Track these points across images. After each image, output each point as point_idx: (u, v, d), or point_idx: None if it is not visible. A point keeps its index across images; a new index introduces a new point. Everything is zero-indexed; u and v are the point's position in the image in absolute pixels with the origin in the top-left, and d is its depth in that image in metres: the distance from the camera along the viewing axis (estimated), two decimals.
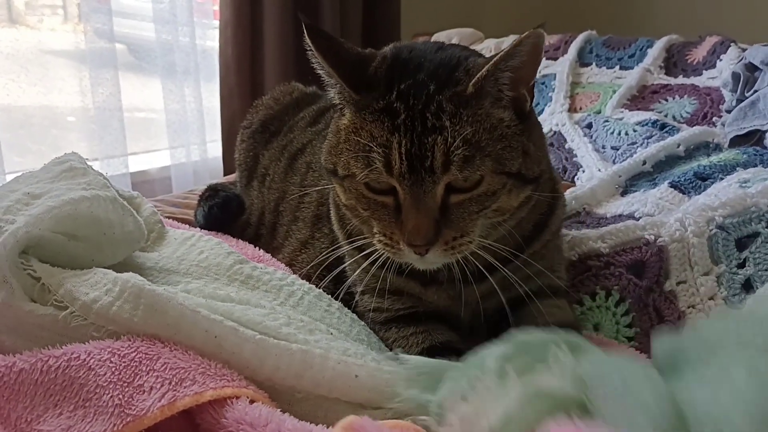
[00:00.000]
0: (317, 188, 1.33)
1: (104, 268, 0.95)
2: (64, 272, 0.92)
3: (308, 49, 0.95)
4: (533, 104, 1.00)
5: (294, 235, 1.36)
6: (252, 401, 0.79)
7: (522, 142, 0.94)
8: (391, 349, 1.06)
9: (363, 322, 1.11)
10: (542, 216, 1.09)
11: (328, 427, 0.75)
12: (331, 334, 0.96)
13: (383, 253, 0.97)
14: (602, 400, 0.61)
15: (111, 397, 0.77)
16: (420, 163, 0.88)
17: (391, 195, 0.93)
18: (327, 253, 1.12)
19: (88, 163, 1.18)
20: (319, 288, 1.14)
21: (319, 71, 0.97)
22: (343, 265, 1.13)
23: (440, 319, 1.09)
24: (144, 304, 0.84)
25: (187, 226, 1.47)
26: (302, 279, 1.17)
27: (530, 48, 0.90)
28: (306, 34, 0.93)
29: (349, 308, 1.13)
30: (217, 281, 1.06)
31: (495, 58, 0.90)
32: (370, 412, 0.82)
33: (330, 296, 1.13)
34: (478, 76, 0.90)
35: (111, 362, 0.79)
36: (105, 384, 0.77)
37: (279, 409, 0.79)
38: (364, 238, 1.01)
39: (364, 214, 0.98)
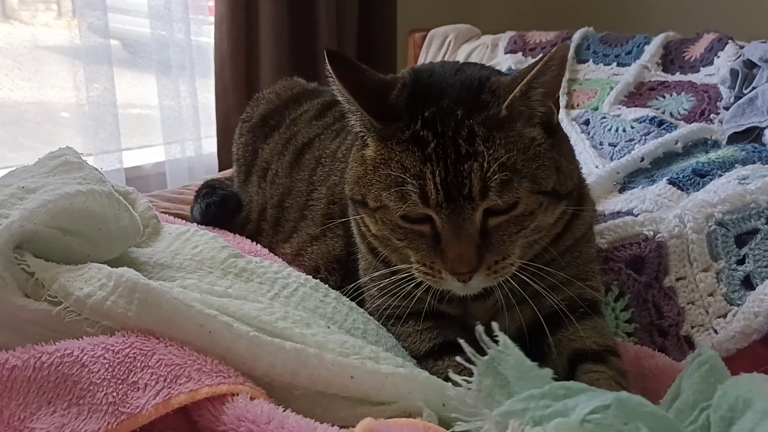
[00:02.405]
0: (328, 185, 1.31)
1: (99, 263, 0.94)
2: (58, 267, 0.90)
3: (329, 76, 0.93)
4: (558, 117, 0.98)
5: (303, 230, 1.35)
6: (252, 398, 0.78)
7: (554, 158, 0.92)
8: (402, 343, 1.05)
9: (362, 310, 1.10)
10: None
11: (332, 425, 0.74)
12: (329, 328, 0.95)
13: (420, 281, 0.95)
14: None
15: (105, 394, 0.75)
16: (457, 191, 0.87)
17: (428, 223, 0.91)
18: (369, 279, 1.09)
19: (83, 158, 1.17)
20: (327, 283, 1.13)
21: (339, 98, 0.96)
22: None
23: (457, 322, 1.07)
24: (138, 299, 0.83)
25: (183, 221, 1.46)
26: (309, 270, 1.15)
27: (559, 61, 0.89)
28: (327, 62, 0.92)
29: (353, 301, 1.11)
30: (210, 275, 1.05)
31: (527, 77, 0.88)
32: (369, 408, 0.81)
33: (327, 287, 1.11)
34: (511, 97, 0.88)
35: (104, 359, 0.78)
36: (98, 381, 0.76)
37: (280, 407, 0.77)
38: (400, 267, 0.98)
39: (399, 245, 0.96)
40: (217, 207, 1.53)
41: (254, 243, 1.39)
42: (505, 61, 2.20)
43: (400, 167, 0.89)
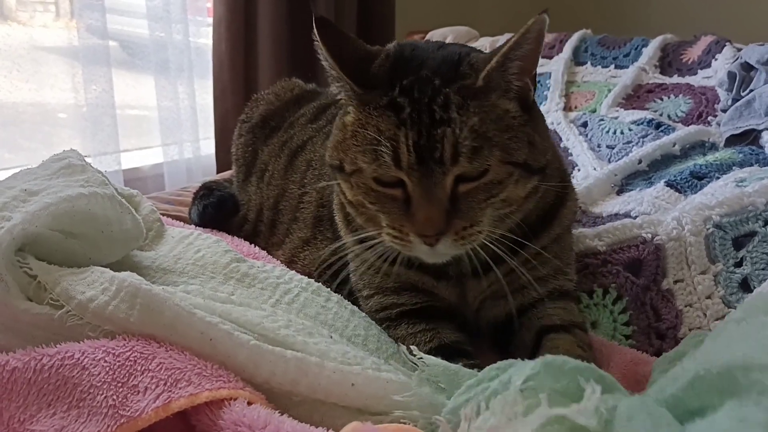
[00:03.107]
0: (317, 188, 1.32)
1: (102, 266, 0.94)
2: (60, 270, 0.90)
3: (315, 40, 0.95)
4: (534, 96, 1.00)
5: (295, 233, 1.36)
6: (249, 403, 0.78)
7: (527, 133, 0.94)
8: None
9: (363, 314, 1.11)
10: (551, 206, 1.08)
11: (328, 430, 0.74)
12: (331, 337, 0.95)
13: (391, 249, 0.97)
14: None
15: (105, 397, 0.75)
16: (429, 154, 0.89)
17: (400, 187, 0.93)
18: (331, 253, 1.11)
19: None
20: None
21: (323, 63, 0.98)
22: (344, 266, 1.13)
23: (449, 319, 1.08)
24: (140, 304, 0.83)
25: (181, 223, 1.47)
26: (303, 275, 1.16)
27: (536, 35, 0.90)
28: (315, 28, 0.94)
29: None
30: (212, 280, 1.05)
31: (504, 49, 0.90)
32: (368, 417, 0.81)
33: (329, 291, 1.12)
34: (488, 68, 0.90)
35: (105, 362, 0.78)
36: (99, 384, 0.76)
37: (277, 411, 0.77)
38: (369, 233, 1.00)
39: (371, 209, 0.97)
40: (214, 209, 1.54)
41: (252, 245, 1.39)
42: None
43: (376, 130, 0.91)
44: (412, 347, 0.83)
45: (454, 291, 1.08)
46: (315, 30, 0.94)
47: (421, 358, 0.81)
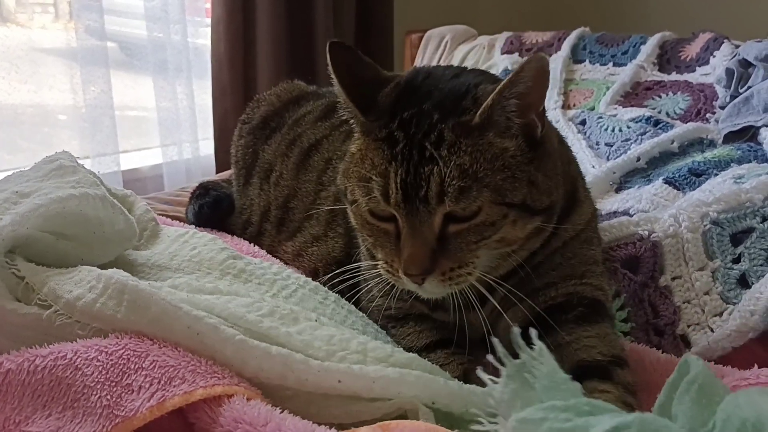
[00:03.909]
0: (335, 185, 1.32)
1: (95, 266, 0.94)
2: (48, 271, 0.91)
3: (328, 65, 0.95)
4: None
5: (307, 230, 1.36)
6: (248, 399, 0.77)
7: (528, 172, 0.90)
8: (399, 343, 1.05)
9: (361, 314, 1.10)
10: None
11: (330, 428, 0.74)
12: (317, 321, 0.94)
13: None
14: None
15: (99, 397, 0.75)
16: (415, 192, 0.87)
17: (393, 222, 0.92)
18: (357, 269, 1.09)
19: (80, 161, 1.17)
20: (326, 284, 1.14)
21: (334, 89, 0.97)
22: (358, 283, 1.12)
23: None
24: (127, 300, 0.83)
25: (180, 223, 1.47)
26: (308, 272, 1.16)
27: (534, 72, 0.87)
28: (327, 50, 0.94)
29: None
30: (209, 275, 1.05)
31: (499, 87, 0.87)
32: (364, 404, 0.81)
33: (327, 290, 1.12)
34: (484, 106, 0.88)
35: (98, 361, 0.78)
36: (92, 384, 0.76)
37: (278, 409, 0.77)
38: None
39: (369, 240, 0.97)
40: (209, 208, 1.54)
41: (252, 245, 1.39)
42: (501, 62, 2.21)
43: (371, 164, 0.91)
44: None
45: (453, 320, 1.03)
46: (327, 54, 0.93)
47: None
